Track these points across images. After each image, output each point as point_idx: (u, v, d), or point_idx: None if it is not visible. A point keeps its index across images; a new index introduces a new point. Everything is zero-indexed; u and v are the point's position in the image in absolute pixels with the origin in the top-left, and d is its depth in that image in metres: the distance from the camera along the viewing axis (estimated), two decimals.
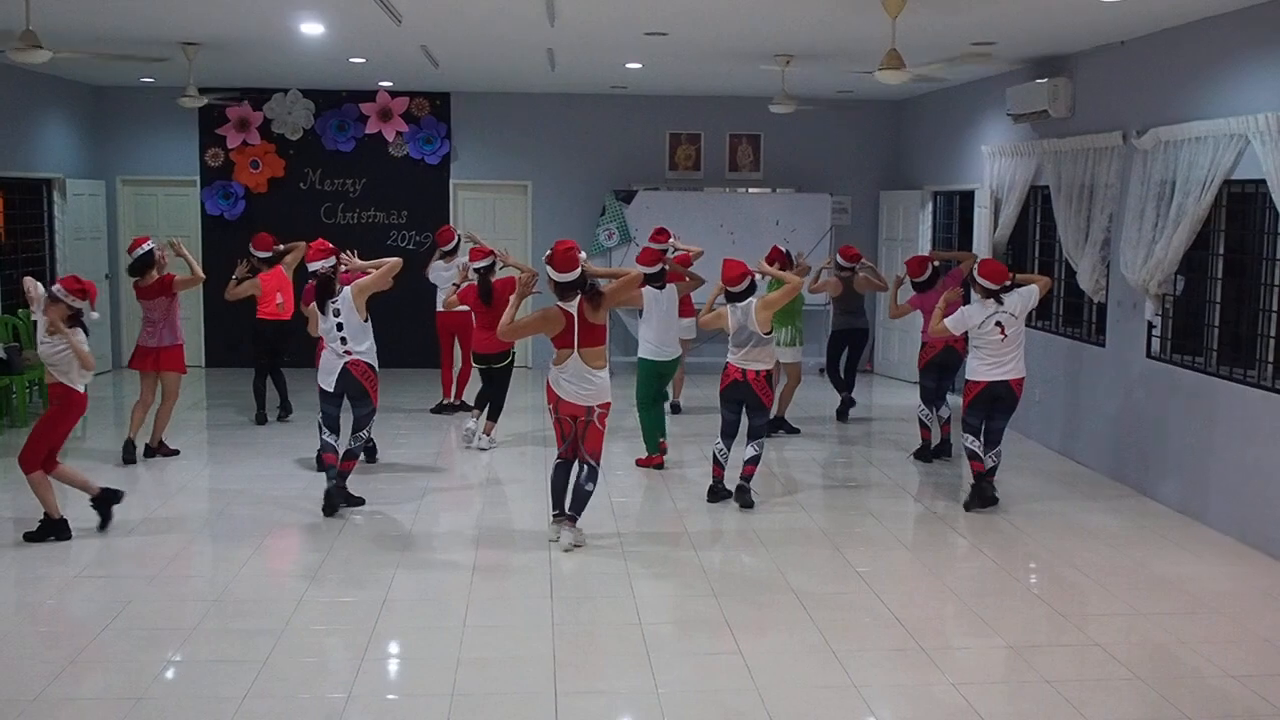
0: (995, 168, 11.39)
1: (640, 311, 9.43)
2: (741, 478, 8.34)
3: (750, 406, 8.25)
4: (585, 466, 7.34)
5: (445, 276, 11.16)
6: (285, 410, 11.17)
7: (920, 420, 9.80)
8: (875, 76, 8.27)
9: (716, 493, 8.45)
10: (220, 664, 5.54)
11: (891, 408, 12.17)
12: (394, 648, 5.79)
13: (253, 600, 6.42)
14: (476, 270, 9.65)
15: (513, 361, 10.05)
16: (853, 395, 11.67)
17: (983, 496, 8.28)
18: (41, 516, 7.39)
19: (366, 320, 7.95)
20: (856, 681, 5.39)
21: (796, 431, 10.92)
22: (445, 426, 11.06)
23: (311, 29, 9.43)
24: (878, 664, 5.62)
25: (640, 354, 9.44)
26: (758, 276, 8.35)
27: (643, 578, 6.83)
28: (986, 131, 11.86)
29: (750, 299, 8.15)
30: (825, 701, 5.21)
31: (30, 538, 7.35)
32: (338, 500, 8.00)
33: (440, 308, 11.15)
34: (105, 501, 7.65)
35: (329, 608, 6.30)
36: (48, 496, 7.35)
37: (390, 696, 5.27)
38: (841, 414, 11.58)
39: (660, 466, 9.48)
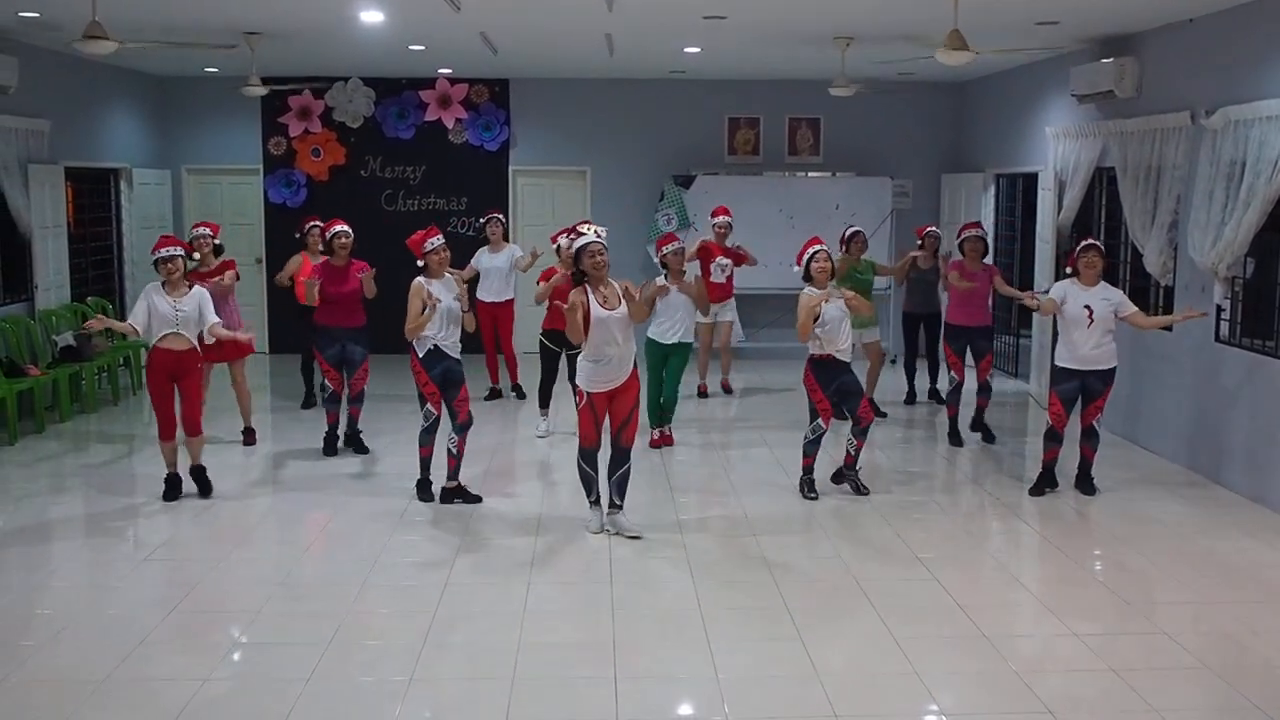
0: (1059, 149, 11.22)
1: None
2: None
3: None
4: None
5: (494, 268, 11.15)
6: (309, 401, 11.22)
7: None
8: (936, 58, 8.18)
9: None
10: (285, 646, 5.61)
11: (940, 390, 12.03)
12: (455, 632, 5.83)
13: (316, 584, 6.50)
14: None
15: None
16: (935, 386, 11.62)
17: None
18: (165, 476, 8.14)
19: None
20: (918, 668, 5.35)
21: (884, 415, 10.87)
22: (501, 413, 11.11)
23: (371, 17, 9.49)
24: (940, 651, 5.57)
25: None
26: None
27: (702, 563, 6.82)
28: (1050, 113, 11.69)
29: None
30: (887, 688, 5.18)
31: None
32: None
33: (502, 297, 11.25)
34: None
35: (391, 591, 6.36)
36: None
37: (452, 680, 5.30)
38: (934, 395, 11.66)
39: (656, 447, 9.53)
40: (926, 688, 5.17)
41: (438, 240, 7.90)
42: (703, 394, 11.68)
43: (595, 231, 7.19)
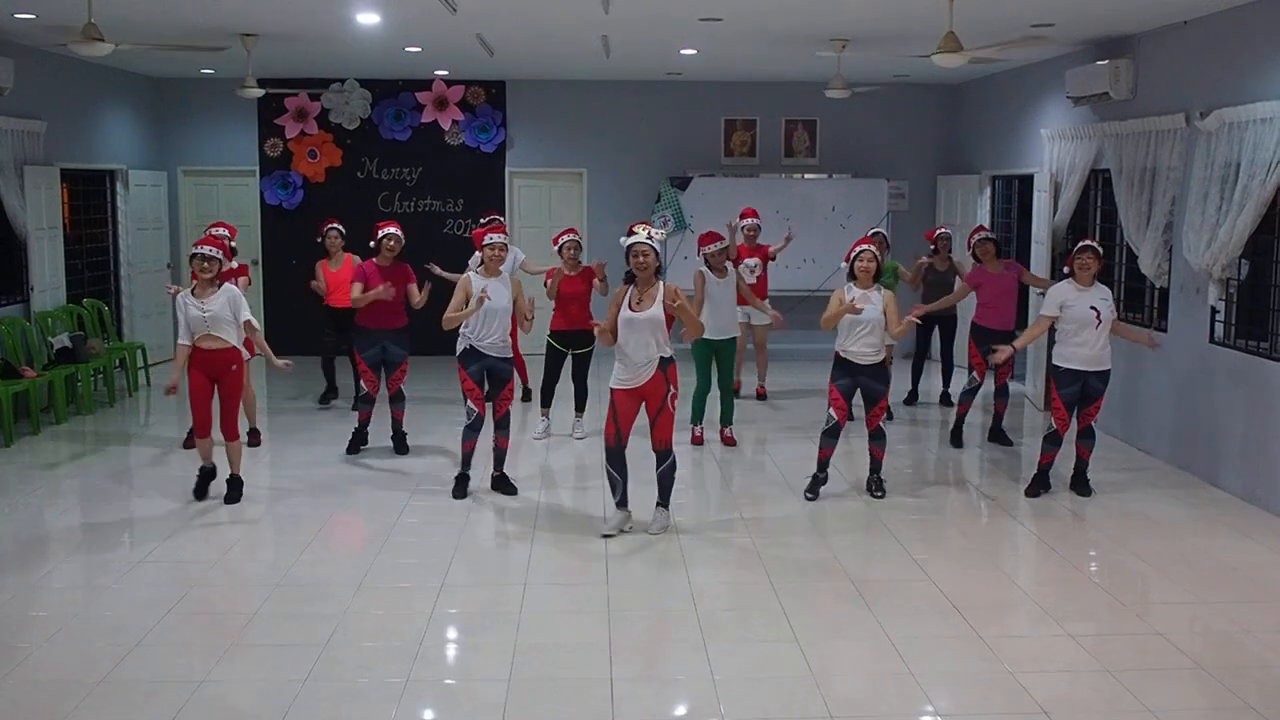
0: (1055, 151, 11.24)
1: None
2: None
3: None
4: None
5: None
6: (331, 395, 11.30)
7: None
8: (932, 60, 8.19)
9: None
10: (281, 648, 5.61)
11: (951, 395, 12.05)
12: (451, 633, 5.84)
13: (313, 585, 6.49)
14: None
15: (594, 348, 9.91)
16: (946, 390, 11.62)
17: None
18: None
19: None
20: (914, 669, 5.36)
21: (891, 418, 10.84)
22: None
23: (368, 18, 9.50)
24: (935, 652, 5.58)
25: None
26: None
27: (699, 564, 6.83)
28: (1045, 115, 11.71)
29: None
30: (882, 689, 5.19)
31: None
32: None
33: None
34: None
35: (388, 593, 6.36)
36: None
37: (448, 681, 5.31)
38: (945, 398, 11.62)
39: (699, 443, 9.71)
40: (922, 688, 5.18)
41: (497, 238, 7.98)
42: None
43: (649, 234, 7.21)
